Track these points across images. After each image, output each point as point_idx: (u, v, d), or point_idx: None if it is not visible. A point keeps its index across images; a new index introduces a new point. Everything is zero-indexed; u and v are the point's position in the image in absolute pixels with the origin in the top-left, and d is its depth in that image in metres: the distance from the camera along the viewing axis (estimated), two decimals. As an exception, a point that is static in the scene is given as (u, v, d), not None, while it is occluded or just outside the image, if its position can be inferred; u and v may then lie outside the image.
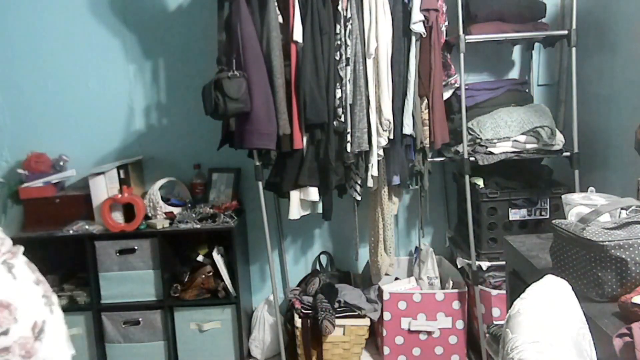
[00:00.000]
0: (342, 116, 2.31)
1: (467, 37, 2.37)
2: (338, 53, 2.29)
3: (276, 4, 2.28)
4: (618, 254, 1.19)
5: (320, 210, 2.53)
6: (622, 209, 1.39)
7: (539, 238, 1.70)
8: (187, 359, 2.65)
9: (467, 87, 2.52)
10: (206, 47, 2.59)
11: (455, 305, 2.57)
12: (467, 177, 2.44)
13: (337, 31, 2.28)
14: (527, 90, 2.70)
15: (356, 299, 2.60)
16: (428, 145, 2.47)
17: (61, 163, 2.76)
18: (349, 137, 2.33)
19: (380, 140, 2.38)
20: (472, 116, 2.50)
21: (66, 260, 2.69)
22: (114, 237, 2.55)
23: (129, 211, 2.56)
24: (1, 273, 1.00)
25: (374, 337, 2.77)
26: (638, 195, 1.59)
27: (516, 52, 2.82)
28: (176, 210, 2.63)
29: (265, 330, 2.78)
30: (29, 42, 2.77)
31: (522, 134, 2.42)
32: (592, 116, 2.53)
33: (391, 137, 2.39)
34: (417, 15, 2.31)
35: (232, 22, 2.23)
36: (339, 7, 2.27)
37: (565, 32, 2.39)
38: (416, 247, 2.89)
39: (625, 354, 0.98)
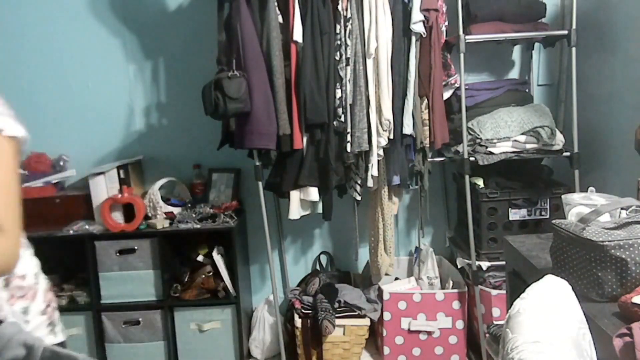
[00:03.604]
0: (342, 116, 2.31)
1: (467, 37, 2.37)
2: (338, 53, 2.29)
3: (276, 4, 2.28)
4: (618, 254, 1.19)
5: (320, 210, 2.53)
6: (622, 209, 1.39)
7: (539, 238, 1.70)
8: (187, 359, 2.65)
9: (467, 87, 2.52)
10: (206, 47, 2.59)
11: (455, 305, 2.57)
12: (467, 177, 2.44)
13: (337, 31, 2.28)
14: (527, 90, 2.70)
15: (356, 299, 2.60)
16: (428, 145, 2.47)
17: (61, 163, 2.76)
18: (349, 137, 2.33)
19: (380, 140, 2.38)
20: (472, 116, 2.50)
21: (66, 260, 2.69)
22: (114, 237, 2.55)
23: (129, 211, 2.56)
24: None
25: (374, 337, 2.77)
26: (638, 195, 1.59)
27: (516, 52, 2.82)
28: (176, 210, 2.63)
29: (265, 330, 2.78)
30: (29, 41, 2.77)
31: (522, 134, 2.42)
32: (592, 116, 2.53)
33: (391, 137, 2.39)
34: (417, 15, 2.31)
35: (232, 22, 2.23)
36: (339, 7, 2.27)
37: (565, 32, 2.39)
38: (416, 247, 2.89)
39: (625, 354, 0.98)
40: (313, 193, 2.41)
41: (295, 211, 2.43)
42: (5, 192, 0.93)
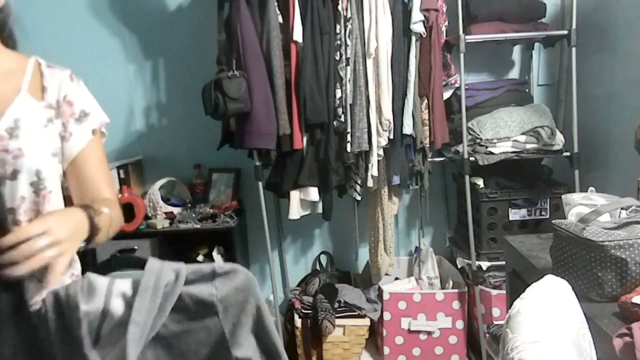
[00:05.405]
0: (342, 116, 2.31)
1: (467, 37, 2.37)
2: (338, 53, 2.29)
3: (276, 4, 2.28)
4: (618, 254, 1.19)
5: (320, 210, 2.53)
6: (622, 209, 1.39)
7: (539, 238, 1.70)
8: (187, 359, 2.64)
9: (467, 87, 2.52)
10: (206, 47, 2.59)
11: (455, 305, 2.57)
12: (467, 177, 2.44)
13: (337, 31, 2.28)
14: (527, 90, 2.70)
15: (356, 299, 2.60)
16: (428, 145, 2.47)
17: (61, 163, 2.76)
18: (349, 137, 2.33)
19: (380, 140, 2.38)
20: (472, 116, 2.50)
21: (66, 260, 2.69)
22: (114, 237, 2.49)
23: (129, 211, 2.55)
24: None
25: (374, 337, 2.77)
26: (638, 195, 1.59)
27: (516, 52, 2.82)
28: (176, 210, 2.63)
29: (265, 330, 2.77)
30: (28, 41, 2.76)
31: (522, 134, 2.42)
32: (592, 116, 2.53)
33: (391, 137, 2.39)
34: (417, 15, 2.31)
35: (232, 22, 2.23)
36: (339, 7, 2.27)
37: (565, 32, 2.40)
38: (416, 247, 2.89)
39: (625, 354, 0.98)
40: (313, 193, 2.41)
41: (295, 211, 2.44)
42: (109, 176, 1.26)
